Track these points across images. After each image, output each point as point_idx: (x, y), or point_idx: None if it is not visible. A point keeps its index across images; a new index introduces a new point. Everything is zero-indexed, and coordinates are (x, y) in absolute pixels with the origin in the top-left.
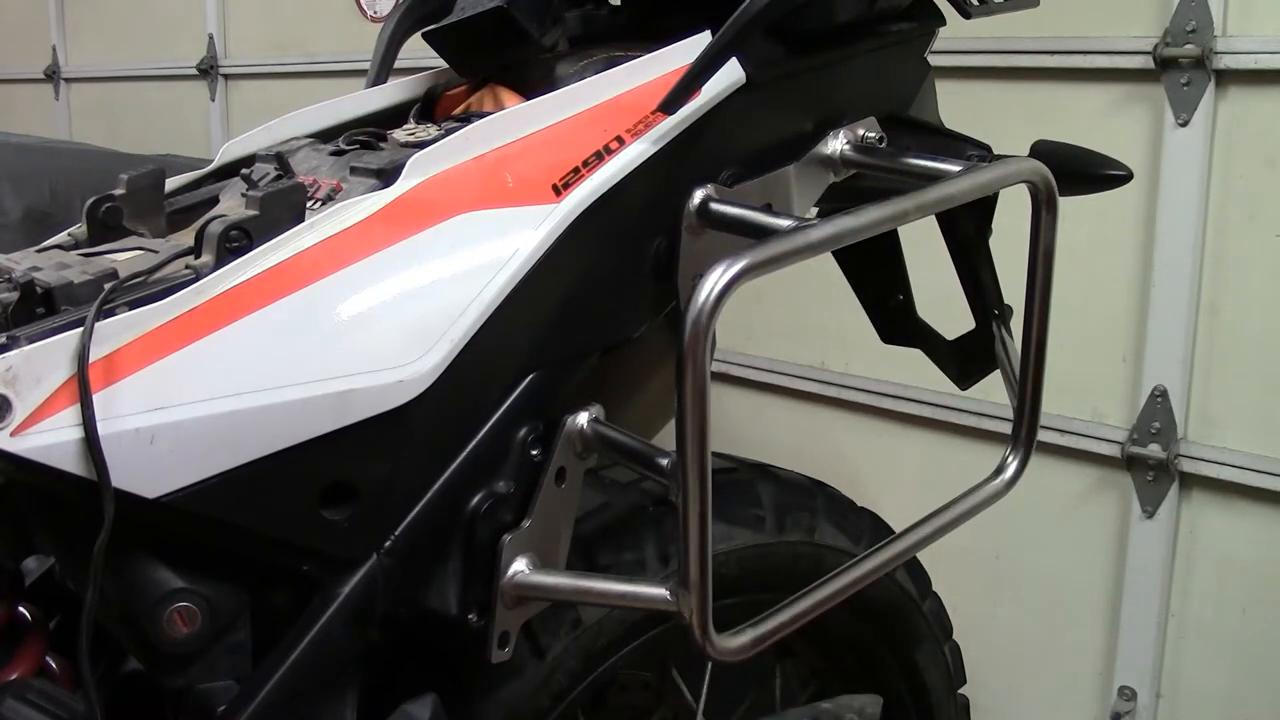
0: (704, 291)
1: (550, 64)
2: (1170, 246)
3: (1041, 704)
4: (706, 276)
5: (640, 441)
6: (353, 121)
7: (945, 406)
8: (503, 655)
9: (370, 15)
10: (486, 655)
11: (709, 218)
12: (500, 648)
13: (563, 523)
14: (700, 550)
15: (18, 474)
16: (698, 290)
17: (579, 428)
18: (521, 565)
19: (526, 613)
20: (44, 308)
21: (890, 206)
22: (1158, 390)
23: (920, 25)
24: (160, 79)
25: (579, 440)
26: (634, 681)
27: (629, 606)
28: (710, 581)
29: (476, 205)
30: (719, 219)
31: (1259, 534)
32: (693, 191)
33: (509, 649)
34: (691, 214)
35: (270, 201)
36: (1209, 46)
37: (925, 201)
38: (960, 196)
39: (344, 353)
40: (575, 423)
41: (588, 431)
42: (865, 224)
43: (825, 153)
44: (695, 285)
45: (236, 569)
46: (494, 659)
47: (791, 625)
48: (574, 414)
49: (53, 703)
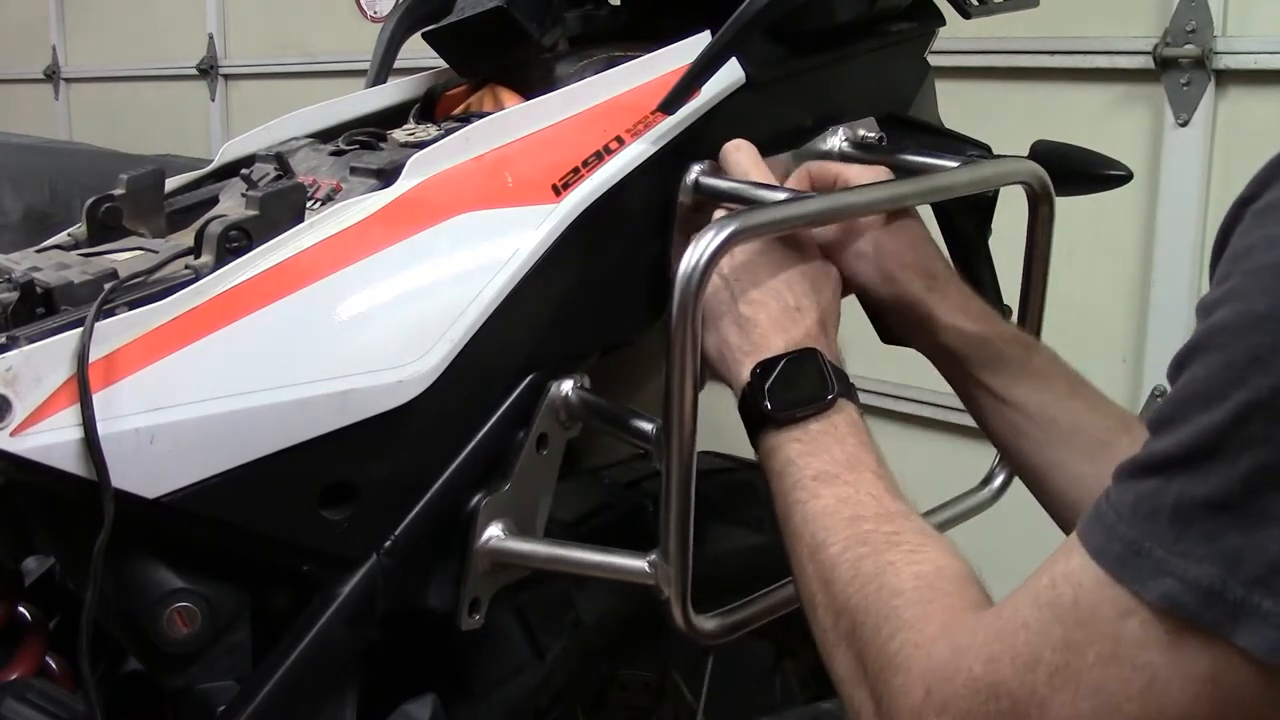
0: (696, 252)
1: (550, 64)
2: (1170, 246)
3: None
4: (699, 237)
5: (624, 408)
6: (353, 121)
7: (945, 406)
8: (473, 623)
9: (370, 15)
10: (456, 622)
11: (705, 190)
12: (471, 615)
13: (542, 491)
14: (682, 520)
15: (18, 474)
16: (690, 251)
17: (563, 394)
18: (497, 530)
19: (499, 580)
20: (44, 308)
21: (887, 189)
22: (1158, 390)
23: (920, 25)
24: (160, 79)
25: (562, 408)
26: (634, 681)
27: (605, 578)
28: (690, 554)
29: (476, 205)
30: (715, 191)
31: None
32: (690, 167)
33: (480, 616)
34: (688, 188)
35: (270, 201)
36: (1209, 46)
37: (922, 189)
38: (957, 188)
39: (344, 353)
40: (559, 389)
41: (572, 398)
42: (861, 202)
43: (824, 149)
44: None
45: (236, 569)
46: (464, 626)
47: (773, 613)
48: (558, 381)
49: (53, 703)
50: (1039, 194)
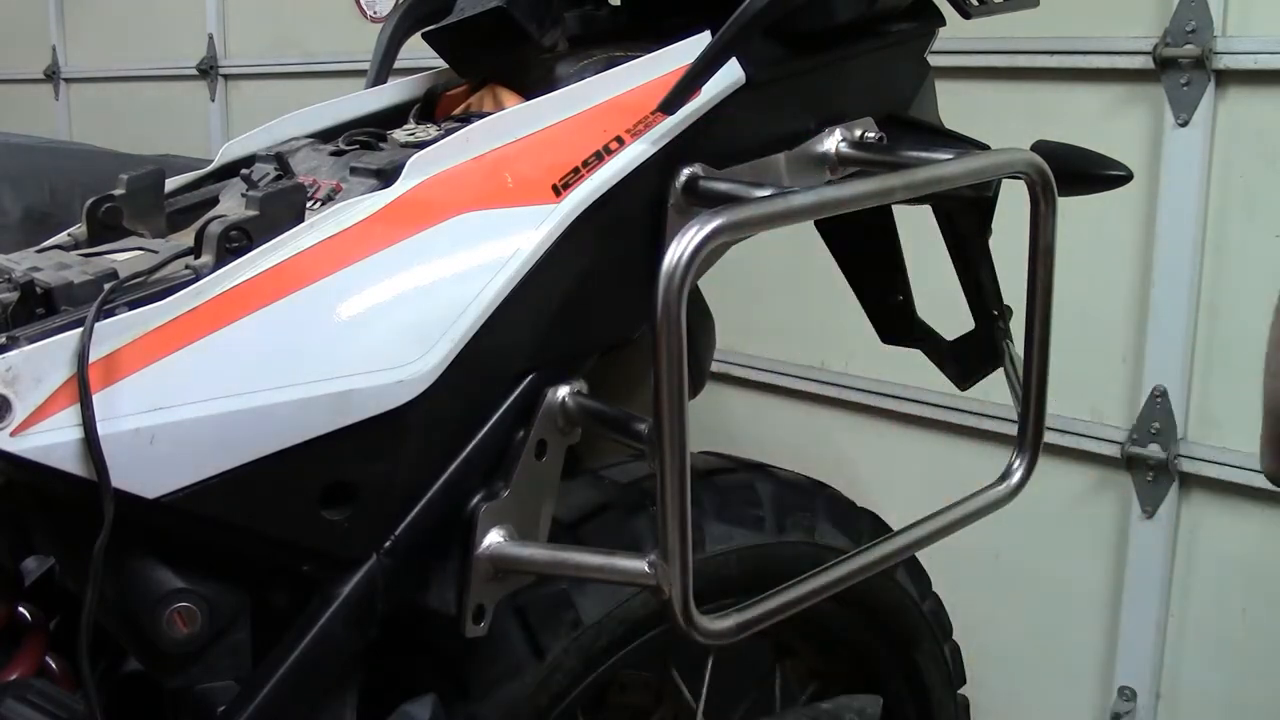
0: (679, 248)
1: (550, 64)
2: (1170, 247)
3: (1041, 704)
4: (682, 233)
5: (620, 410)
6: (353, 121)
7: (945, 407)
8: (478, 630)
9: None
10: (461, 629)
11: (695, 193)
12: (475, 622)
13: (543, 498)
14: (680, 519)
15: (18, 474)
16: (673, 247)
17: (560, 401)
18: (498, 536)
19: (503, 587)
20: (44, 308)
21: (877, 182)
22: (1157, 390)
23: (920, 25)
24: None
25: (560, 414)
26: (634, 681)
27: (607, 580)
28: (690, 553)
29: (476, 205)
30: (705, 194)
31: (1259, 534)
32: (680, 170)
33: (484, 624)
34: (678, 191)
35: (270, 202)
36: (1209, 46)
37: (914, 181)
38: (950, 180)
39: (344, 353)
40: (556, 396)
41: (569, 404)
42: (850, 195)
43: (821, 150)
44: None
45: (236, 569)
46: (468, 633)
47: (779, 614)
48: (554, 387)
49: (53, 703)
50: (1039, 186)
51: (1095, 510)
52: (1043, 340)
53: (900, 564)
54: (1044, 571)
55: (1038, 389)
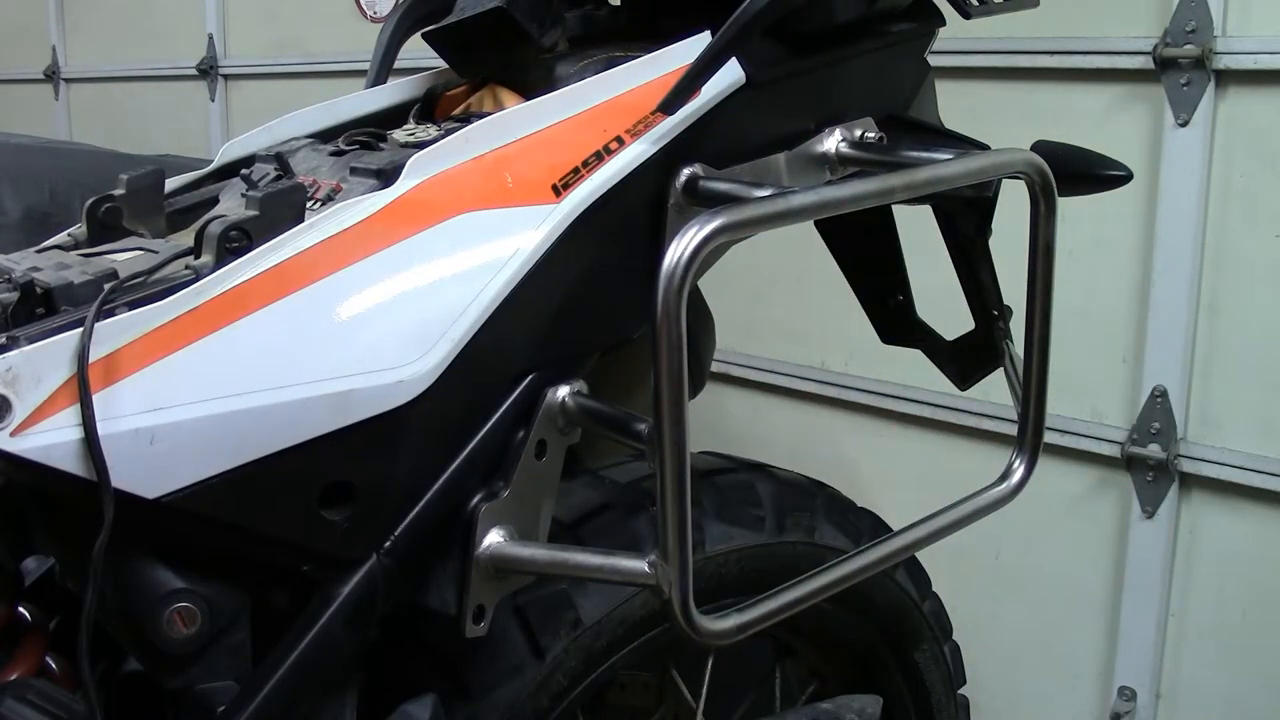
0: (679, 248)
1: (550, 64)
2: (1170, 247)
3: (1041, 704)
4: (682, 233)
5: (620, 410)
6: (353, 122)
7: (945, 407)
8: (478, 630)
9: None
10: (461, 630)
11: (695, 193)
12: (475, 622)
13: (543, 498)
14: (679, 519)
15: (18, 474)
16: (673, 247)
17: (559, 401)
18: (498, 537)
19: (503, 587)
20: (44, 308)
21: (877, 182)
22: (1157, 390)
23: (920, 25)
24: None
25: (560, 414)
26: (634, 681)
27: (607, 580)
28: (690, 553)
29: (476, 205)
30: (704, 194)
31: (1259, 534)
32: (680, 170)
33: (484, 624)
34: (678, 191)
35: (270, 202)
36: (1209, 47)
37: (914, 181)
38: (950, 180)
39: (344, 353)
40: (556, 396)
41: (569, 404)
42: (849, 195)
43: (821, 150)
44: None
45: (236, 569)
46: (468, 634)
47: (779, 614)
48: (554, 387)
49: (53, 703)
50: (1039, 186)
51: (1095, 510)
52: (1043, 340)
53: (900, 564)
54: (1044, 571)
55: (1038, 389)
